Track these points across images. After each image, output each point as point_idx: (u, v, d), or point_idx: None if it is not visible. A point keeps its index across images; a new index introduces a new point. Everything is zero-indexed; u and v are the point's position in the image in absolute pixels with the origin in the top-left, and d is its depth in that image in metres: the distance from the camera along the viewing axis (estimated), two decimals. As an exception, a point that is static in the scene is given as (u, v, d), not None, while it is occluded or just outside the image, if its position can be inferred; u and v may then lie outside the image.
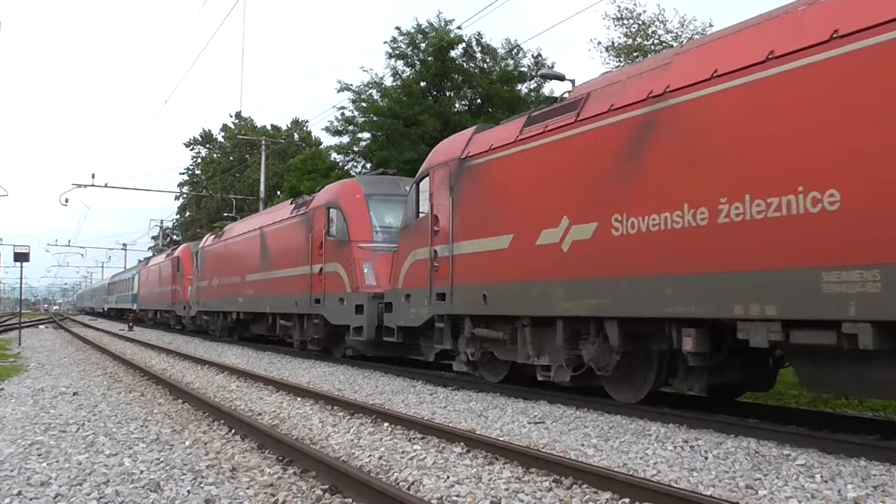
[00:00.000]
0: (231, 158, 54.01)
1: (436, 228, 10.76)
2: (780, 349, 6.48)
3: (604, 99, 8.00)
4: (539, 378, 9.17)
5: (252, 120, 54.10)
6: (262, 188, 33.36)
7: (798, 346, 6.00)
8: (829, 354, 5.90)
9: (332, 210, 14.83)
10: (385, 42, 26.52)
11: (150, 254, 53.80)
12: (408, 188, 13.06)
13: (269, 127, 52.88)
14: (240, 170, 49.88)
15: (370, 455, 6.09)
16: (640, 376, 8.16)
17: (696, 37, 19.10)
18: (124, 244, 74.16)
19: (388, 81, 26.38)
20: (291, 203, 18.50)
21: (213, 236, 26.10)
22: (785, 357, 7.04)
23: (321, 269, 14.91)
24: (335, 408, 8.86)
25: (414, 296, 11.37)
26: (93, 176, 37.14)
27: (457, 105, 25.62)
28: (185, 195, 58.44)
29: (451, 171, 10.47)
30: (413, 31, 25.59)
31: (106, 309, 58.87)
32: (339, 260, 14.24)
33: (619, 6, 20.15)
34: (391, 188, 14.78)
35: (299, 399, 9.75)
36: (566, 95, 9.32)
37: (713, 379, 7.46)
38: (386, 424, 7.58)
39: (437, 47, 24.35)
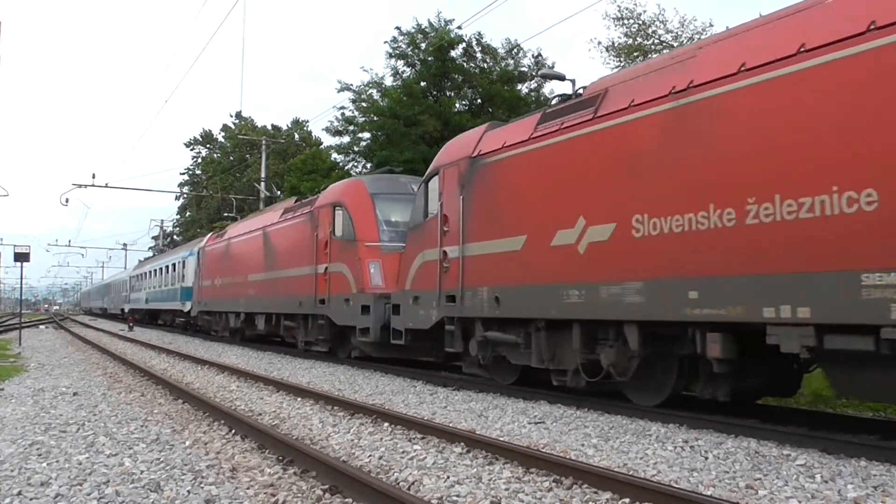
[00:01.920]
0: (231, 158, 54.05)
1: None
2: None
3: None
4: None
5: (252, 120, 54.24)
6: (262, 188, 33.33)
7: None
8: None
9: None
10: (385, 42, 26.56)
11: (150, 254, 53.83)
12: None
13: (269, 127, 52.94)
14: (240, 170, 49.90)
15: (370, 455, 6.09)
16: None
17: (696, 37, 19.11)
18: (124, 244, 74.27)
19: (389, 81, 26.44)
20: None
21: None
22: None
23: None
24: (335, 408, 8.86)
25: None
26: (93, 176, 37.25)
27: (457, 105, 25.63)
28: (185, 195, 58.50)
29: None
30: (413, 31, 25.62)
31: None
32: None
33: (619, 6, 20.16)
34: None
35: (299, 399, 9.75)
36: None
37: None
38: (386, 424, 7.58)
39: (437, 47, 24.36)
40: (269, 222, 18.78)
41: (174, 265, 32.08)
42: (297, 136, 48.88)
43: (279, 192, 39.55)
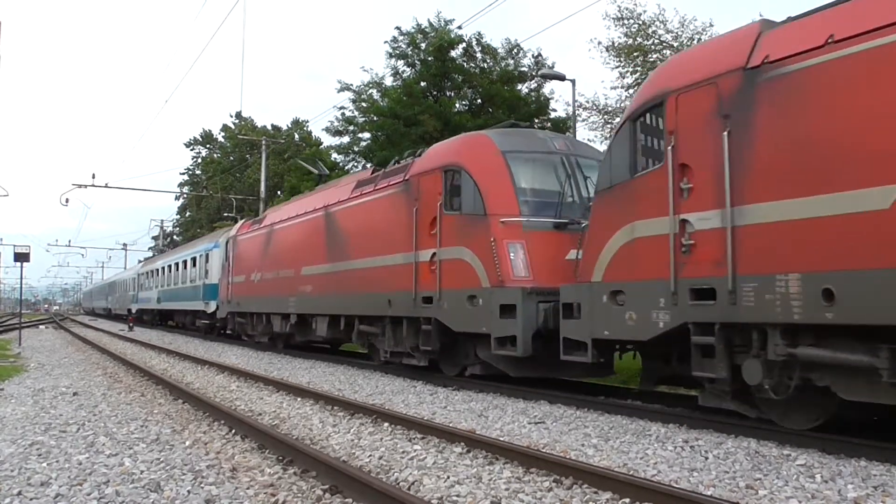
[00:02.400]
0: (231, 158, 54.03)
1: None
2: None
3: None
4: None
5: (252, 120, 54.21)
6: (262, 188, 33.36)
7: None
8: None
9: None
10: (385, 42, 26.54)
11: (150, 254, 53.76)
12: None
13: (269, 127, 52.94)
14: (240, 170, 49.91)
15: (370, 455, 6.09)
16: None
17: (697, 37, 19.11)
18: (124, 244, 74.24)
19: (389, 81, 26.41)
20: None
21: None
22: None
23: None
24: (335, 408, 8.86)
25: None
26: (93, 176, 37.24)
27: (457, 105, 25.61)
28: (185, 195, 58.47)
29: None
30: (413, 31, 25.61)
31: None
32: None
33: (619, 6, 20.13)
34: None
35: (299, 399, 9.75)
36: None
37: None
38: (386, 424, 7.58)
39: (437, 47, 24.35)
40: (334, 200, 14.78)
41: (194, 259, 28.18)
42: (297, 136, 48.88)
43: (279, 193, 39.58)
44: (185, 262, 30.25)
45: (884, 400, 5.76)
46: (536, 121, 24.31)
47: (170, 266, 33.35)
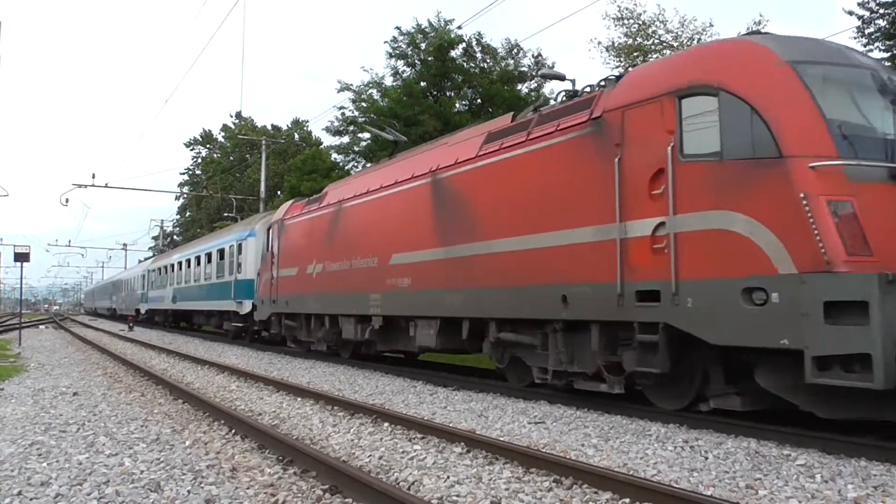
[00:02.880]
0: (231, 158, 54.06)
1: None
2: None
3: None
4: None
5: (252, 120, 54.22)
6: (262, 188, 33.36)
7: None
8: None
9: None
10: (385, 42, 26.56)
11: (150, 254, 53.71)
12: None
13: (269, 127, 52.96)
14: (240, 170, 49.92)
15: (370, 455, 6.09)
16: None
17: (697, 37, 19.13)
18: (124, 244, 74.23)
19: (389, 81, 26.44)
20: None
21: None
22: None
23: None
24: (335, 408, 8.86)
25: None
26: (93, 176, 37.25)
27: (457, 105, 25.63)
28: (185, 195, 58.49)
29: None
30: (413, 31, 25.63)
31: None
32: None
33: (619, 6, 20.17)
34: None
35: (299, 399, 9.75)
36: None
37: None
38: (386, 424, 7.58)
39: (437, 47, 24.36)
40: (448, 162, 10.74)
41: (222, 252, 24.14)
42: (297, 136, 48.90)
43: (279, 193, 39.58)
44: (208, 255, 26.09)
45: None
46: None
47: (188, 261, 29.37)
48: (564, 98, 9.36)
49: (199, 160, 59.69)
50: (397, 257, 12.00)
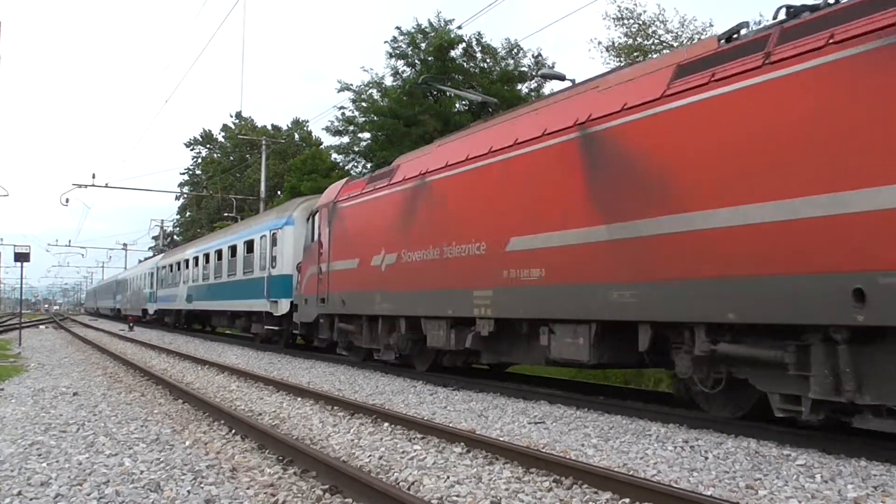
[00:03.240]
0: (231, 158, 54.11)
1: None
2: None
3: None
4: None
5: (252, 120, 54.30)
6: (262, 188, 33.38)
7: None
8: None
9: None
10: (385, 42, 26.57)
11: (150, 254, 53.69)
12: None
13: (269, 127, 53.00)
14: (240, 170, 49.96)
15: (370, 455, 6.09)
16: None
17: (696, 37, 19.13)
18: (124, 244, 74.17)
19: (389, 81, 26.45)
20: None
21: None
22: None
23: None
24: (335, 408, 8.86)
25: None
26: (93, 176, 37.25)
27: (457, 105, 25.63)
28: (185, 195, 58.54)
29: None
30: (413, 31, 25.63)
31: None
32: None
33: (619, 6, 20.17)
34: None
35: (299, 399, 9.75)
36: None
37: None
38: (386, 424, 7.58)
39: (437, 47, 24.37)
40: (611, 108, 7.90)
41: (250, 244, 20.96)
42: (297, 136, 48.93)
43: (279, 193, 39.61)
44: (232, 248, 23.04)
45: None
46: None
47: (205, 256, 26.14)
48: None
49: (199, 160, 59.76)
50: (519, 241, 9.01)
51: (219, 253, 24.58)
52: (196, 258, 27.71)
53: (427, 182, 11.14)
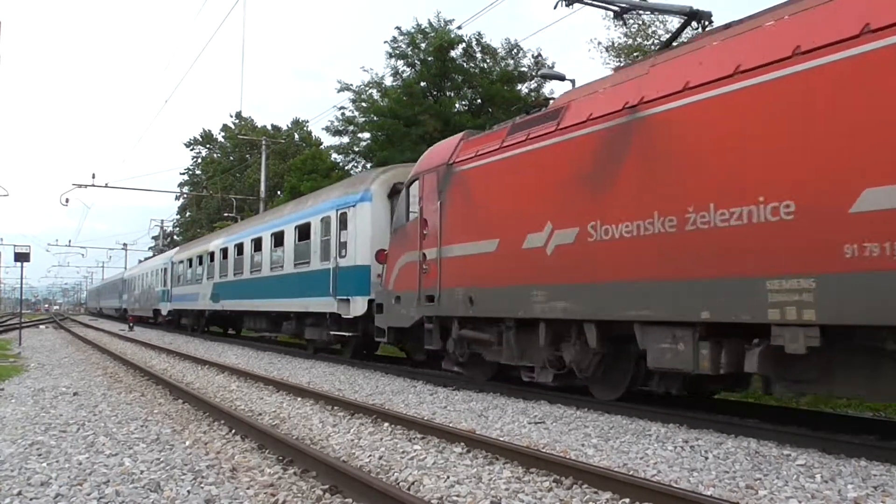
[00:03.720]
0: (231, 158, 54.15)
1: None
2: None
3: None
4: None
5: (252, 120, 54.36)
6: (262, 188, 33.39)
7: None
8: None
9: None
10: (385, 42, 26.58)
11: (150, 254, 53.66)
12: None
13: (269, 127, 53.02)
14: (240, 170, 49.97)
15: (370, 455, 6.09)
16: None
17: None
18: (124, 244, 74.12)
19: (389, 81, 26.46)
20: None
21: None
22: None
23: None
24: (335, 408, 8.86)
25: None
26: (93, 176, 37.25)
27: (457, 105, 25.64)
28: (185, 195, 58.56)
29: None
30: (413, 31, 25.64)
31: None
32: None
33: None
34: None
35: (299, 399, 9.75)
36: None
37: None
38: (386, 424, 7.58)
39: (437, 47, 24.38)
40: None
41: (304, 228, 16.72)
42: (296, 136, 48.95)
43: (279, 193, 39.61)
44: (277, 235, 18.60)
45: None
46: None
47: (237, 246, 22.04)
48: None
49: (199, 160, 59.81)
50: (882, 195, 5.36)
51: (256, 242, 20.32)
52: (224, 250, 23.39)
53: (642, 118, 7.43)
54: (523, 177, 9.09)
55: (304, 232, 16.80)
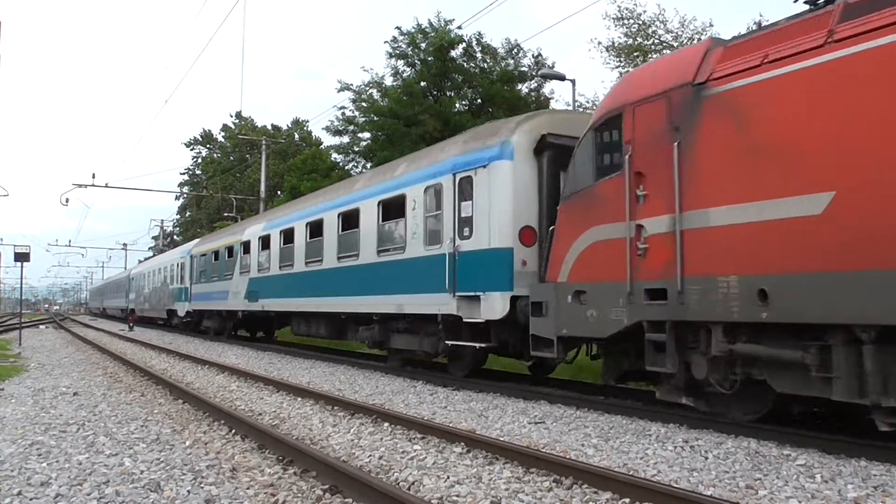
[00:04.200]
0: (231, 158, 54.15)
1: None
2: None
3: None
4: None
5: (252, 120, 54.35)
6: (262, 188, 33.39)
7: None
8: None
9: None
10: (385, 42, 26.59)
11: (150, 254, 53.64)
12: None
13: (269, 127, 53.02)
14: (240, 170, 49.98)
15: (370, 455, 6.09)
16: None
17: (696, 37, 19.13)
18: (124, 244, 74.18)
19: (389, 81, 26.47)
20: None
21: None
22: None
23: None
24: (335, 408, 8.86)
25: None
26: (93, 176, 37.24)
27: (457, 105, 25.65)
28: (185, 195, 58.57)
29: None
30: (413, 31, 25.65)
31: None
32: None
33: (619, 6, 20.17)
34: None
35: (299, 399, 9.75)
36: None
37: None
38: (386, 424, 7.58)
39: (437, 47, 24.39)
40: None
41: (394, 203, 12.70)
42: (296, 136, 48.96)
43: (279, 193, 39.62)
44: (344, 214, 14.55)
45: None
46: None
47: (285, 232, 17.61)
48: None
49: (199, 160, 59.80)
50: None
51: (314, 226, 15.88)
52: (264, 238, 19.03)
53: None
54: (886, 87, 5.42)
55: (393, 208, 12.80)
